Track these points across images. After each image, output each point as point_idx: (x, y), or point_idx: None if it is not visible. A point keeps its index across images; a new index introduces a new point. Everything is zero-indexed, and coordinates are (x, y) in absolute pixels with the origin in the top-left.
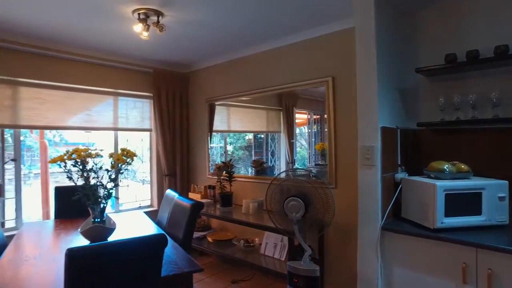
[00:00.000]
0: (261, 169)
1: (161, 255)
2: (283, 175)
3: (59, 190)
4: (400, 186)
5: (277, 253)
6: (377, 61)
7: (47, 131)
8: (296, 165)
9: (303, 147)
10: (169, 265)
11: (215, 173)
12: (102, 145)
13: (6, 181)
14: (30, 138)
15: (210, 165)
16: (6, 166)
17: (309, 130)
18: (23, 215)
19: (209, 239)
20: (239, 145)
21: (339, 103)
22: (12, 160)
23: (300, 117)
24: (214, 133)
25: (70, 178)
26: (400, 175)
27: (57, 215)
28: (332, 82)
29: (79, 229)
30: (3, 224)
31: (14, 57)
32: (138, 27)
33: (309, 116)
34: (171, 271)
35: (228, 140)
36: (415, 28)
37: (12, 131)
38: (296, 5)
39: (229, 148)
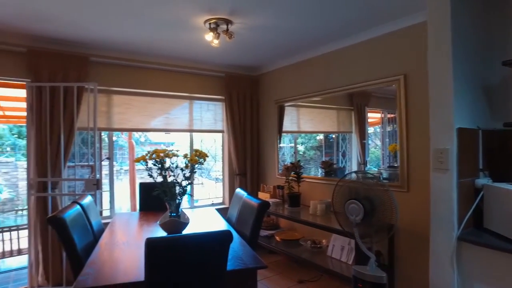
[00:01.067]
0: (330, 170)
1: (226, 250)
2: (353, 176)
3: (143, 186)
4: (482, 193)
5: (344, 256)
6: (452, 57)
7: (134, 133)
8: (369, 166)
9: (377, 147)
10: (235, 260)
11: (284, 173)
12: (180, 144)
13: (103, 176)
14: (121, 139)
15: (279, 165)
16: (102, 163)
17: (383, 130)
18: (115, 205)
19: (277, 238)
20: (310, 145)
21: (411, 102)
22: (107, 158)
23: (374, 116)
24: (283, 134)
25: (150, 176)
26: (482, 181)
27: (142, 208)
28: (404, 81)
29: (158, 221)
30: (101, 213)
31: (108, 70)
32: (209, 36)
33: (382, 115)
34: (237, 266)
35: (299, 140)
36: (502, 16)
37: (107, 133)
38: (364, 2)
39: (301, 148)
